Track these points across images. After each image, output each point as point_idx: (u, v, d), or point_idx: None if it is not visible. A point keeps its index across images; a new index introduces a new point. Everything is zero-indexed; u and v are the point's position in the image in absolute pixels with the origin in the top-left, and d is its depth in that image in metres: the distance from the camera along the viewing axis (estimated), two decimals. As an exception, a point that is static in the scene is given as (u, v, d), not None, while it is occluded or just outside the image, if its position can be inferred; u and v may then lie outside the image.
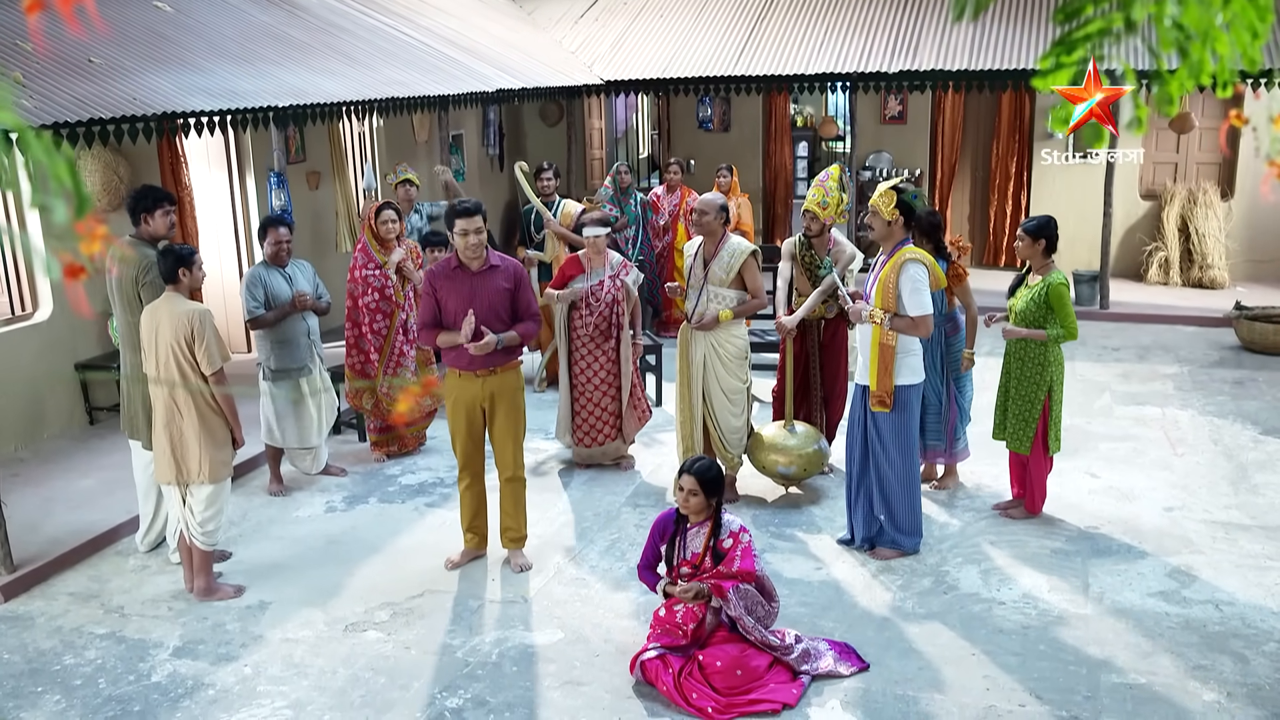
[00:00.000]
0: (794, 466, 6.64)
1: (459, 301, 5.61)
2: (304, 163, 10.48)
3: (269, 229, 6.78)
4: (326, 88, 7.76)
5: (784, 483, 6.82)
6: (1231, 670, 4.78)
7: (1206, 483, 6.91)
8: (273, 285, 6.68)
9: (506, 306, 5.69)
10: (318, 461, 7.24)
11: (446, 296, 5.66)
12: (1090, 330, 10.89)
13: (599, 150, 16.12)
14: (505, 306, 5.68)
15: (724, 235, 6.56)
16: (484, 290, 5.63)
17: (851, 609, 5.41)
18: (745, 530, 4.85)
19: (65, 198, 0.93)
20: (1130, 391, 8.88)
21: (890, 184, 5.76)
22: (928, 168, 13.99)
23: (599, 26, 13.35)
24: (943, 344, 6.63)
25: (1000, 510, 6.49)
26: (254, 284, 6.65)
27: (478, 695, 4.70)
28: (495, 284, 5.67)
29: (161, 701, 4.71)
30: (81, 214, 0.94)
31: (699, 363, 6.59)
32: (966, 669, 4.83)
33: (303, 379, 6.87)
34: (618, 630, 5.24)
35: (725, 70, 11.88)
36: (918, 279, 5.60)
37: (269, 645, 5.17)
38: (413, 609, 5.51)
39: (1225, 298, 11.66)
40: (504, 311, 5.68)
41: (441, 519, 6.60)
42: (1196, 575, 5.68)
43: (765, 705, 4.55)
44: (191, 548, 5.60)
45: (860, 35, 12.05)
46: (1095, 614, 5.30)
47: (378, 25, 10.08)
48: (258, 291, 6.63)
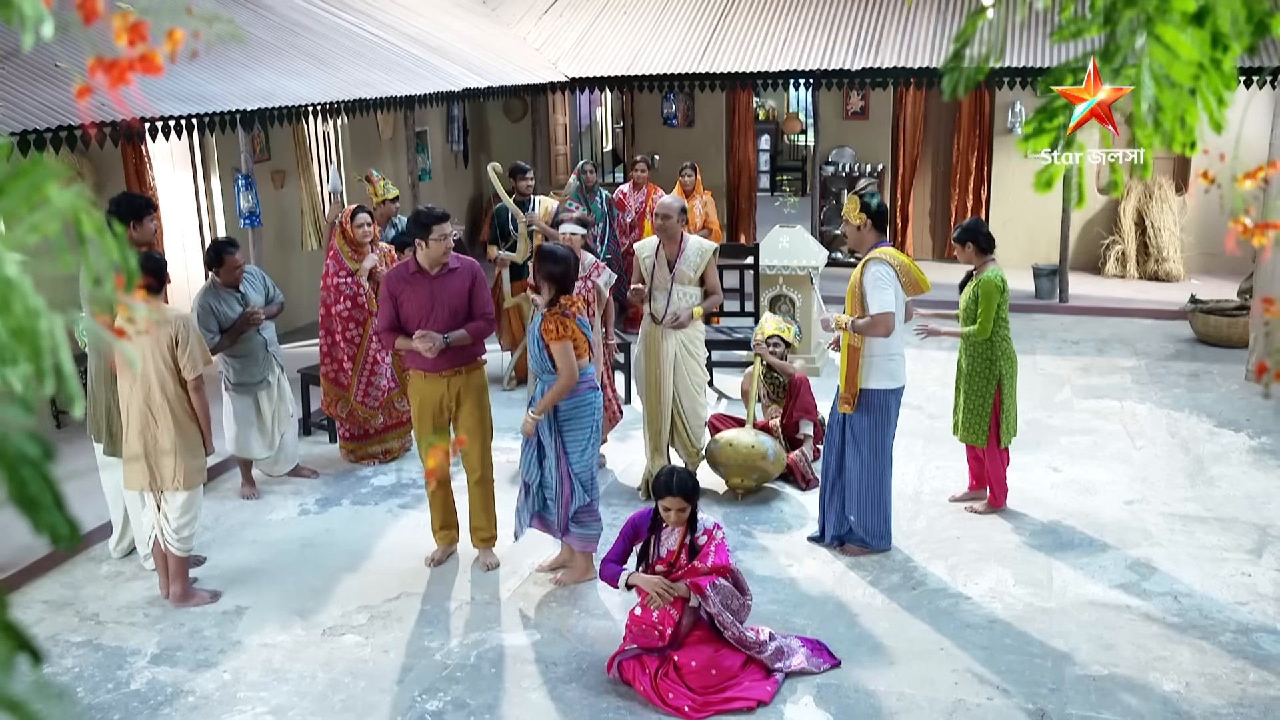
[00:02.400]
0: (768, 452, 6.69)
1: (419, 305, 5.69)
2: (269, 161, 10.45)
3: (224, 255, 6.57)
4: (294, 90, 7.74)
5: (741, 478, 6.83)
6: (1190, 661, 4.94)
7: (1164, 475, 7.09)
8: (223, 310, 6.55)
9: (465, 307, 5.78)
10: (287, 461, 7.24)
11: (406, 300, 5.72)
12: (1050, 324, 11.09)
13: (564, 145, 16.15)
14: (464, 307, 5.78)
15: (683, 235, 6.72)
16: (443, 293, 5.72)
17: (822, 606, 5.52)
18: (719, 527, 4.95)
19: (114, 271, 0.99)
20: (1090, 385, 9.06)
21: (854, 192, 5.91)
22: (889, 163, 14.14)
23: (563, 23, 13.36)
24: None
25: (958, 502, 6.65)
26: (205, 315, 6.46)
27: (457, 698, 4.77)
28: (454, 285, 5.76)
29: (141, 709, 4.74)
30: (130, 288, 0.99)
31: (669, 359, 6.69)
32: (935, 663, 4.95)
33: (261, 391, 6.83)
34: (593, 630, 5.31)
35: (690, 67, 11.95)
36: (878, 276, 5.69)
37: (247, 651, 5.20)
38: (390, 612, 5.56)
39: (1181, 290, 11.90)
40: (462, 312, 5.76)
41: (415, 520, 6.64)
42: (1156, 567, 5.84)
43: (740, 703, 4.65)
44: (167, 554, 5.61)
45: (823, 32, 12.16)
46: (1059, 607, 5.44)
47: (342, 24, 10.06)
48: (210, 322, 6.46)
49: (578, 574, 5.78)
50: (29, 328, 0.75)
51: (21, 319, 0.75)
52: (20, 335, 0.78)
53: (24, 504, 0.79)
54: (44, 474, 0.80)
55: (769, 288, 9.47)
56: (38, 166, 0.81)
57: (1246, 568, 5.82)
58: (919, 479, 7.08)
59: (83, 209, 0.80)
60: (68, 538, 0.81)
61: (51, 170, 0.81)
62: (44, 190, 0.79)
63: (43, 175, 0.80)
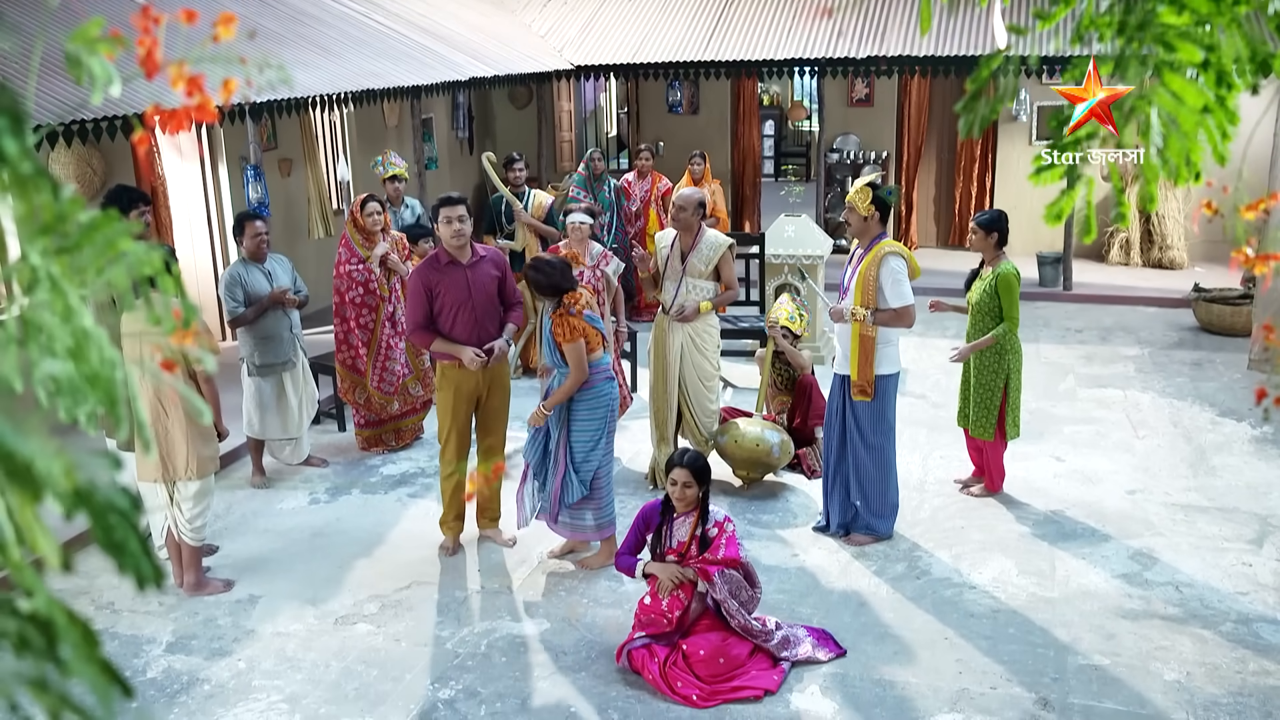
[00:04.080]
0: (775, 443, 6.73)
1: (456, 294, 5.77)
2: (276, 150, 10.49)
3: (245, 224, 6.78)
4: (302, 81, 7.79)
5: (747, 471, 6.90)
6: (1190, 650, 5.01)
7: (1167, 465, 7.15)
8: (252, 283, 6.72)
9: (497, 294, 5.89)
10: (299, 452, 7.32)
11: (444, 290, 5.77)
12: (1054, 311, 11.14)
13: (568, 132, 16.17)
14: (496, 294, 5.90)
15: (700, 229, 6.71)
16: (479, 281, 5.83)
17: (828, 595, 5.59)
18: (730, 520, 5.02)
19: (173, 310, 1.05)
20: (1093, 374, 9.11)
21: (865, 180, 5.91)
22: (894, 150, 14.16)
23: (568, 10, 13.38)
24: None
25: (961, 486, 6.74)
26: (233, 284, 6.68)
27: (469, 686, 4.84)
28: (487, 273, 5.89)
29: (158, 698, 4.82)
30: (188, 324, 1.05)
31: (676, 351, 6.74)
32: (939, 653, 5.02)
33: (286, 373, 6.93)
34: (602, 619, 5.39)
35: (695, 54, 11.97)
36: (898, 271, 5.77)
37: (261, 639, 5.28)
38: (401, 601, 5.63)
39: (1184, 278, 11.93)
40: (496, 299, 5.88)
41: (424, 509, 6.71)
42: (1157, 557, 5.91)
43: (747, 692, 4.72)
44: (180, 544, 5.69)
45: (828, 20, 12.16)
46: (1062, 597, 5.51)
47: (349, 13, 10.09)
48: (237, 291, 6.66)
49: (602, 559, 5.87)
50: (105, 376, 0.81)
51: (97, 367, 0.81)
52: (94, 381, 0.84)
53: (111, 548, 0.85)
54: (131, 522, 0.86)
55: (774, 277, 9.52)
56: (110, 221, 0.86)
57: (1247, 557, 5.88)
58: (923, 468, 7.14)
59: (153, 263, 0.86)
60: (152, 580, 0.87)
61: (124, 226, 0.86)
62: (118, 245, 0.84)
63: (116, 231, 0.85)
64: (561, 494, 5.71)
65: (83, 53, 0.94)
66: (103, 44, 0.96)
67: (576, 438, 5.69)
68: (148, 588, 0.89)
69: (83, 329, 0.80)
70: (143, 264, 0.87)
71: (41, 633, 0.80)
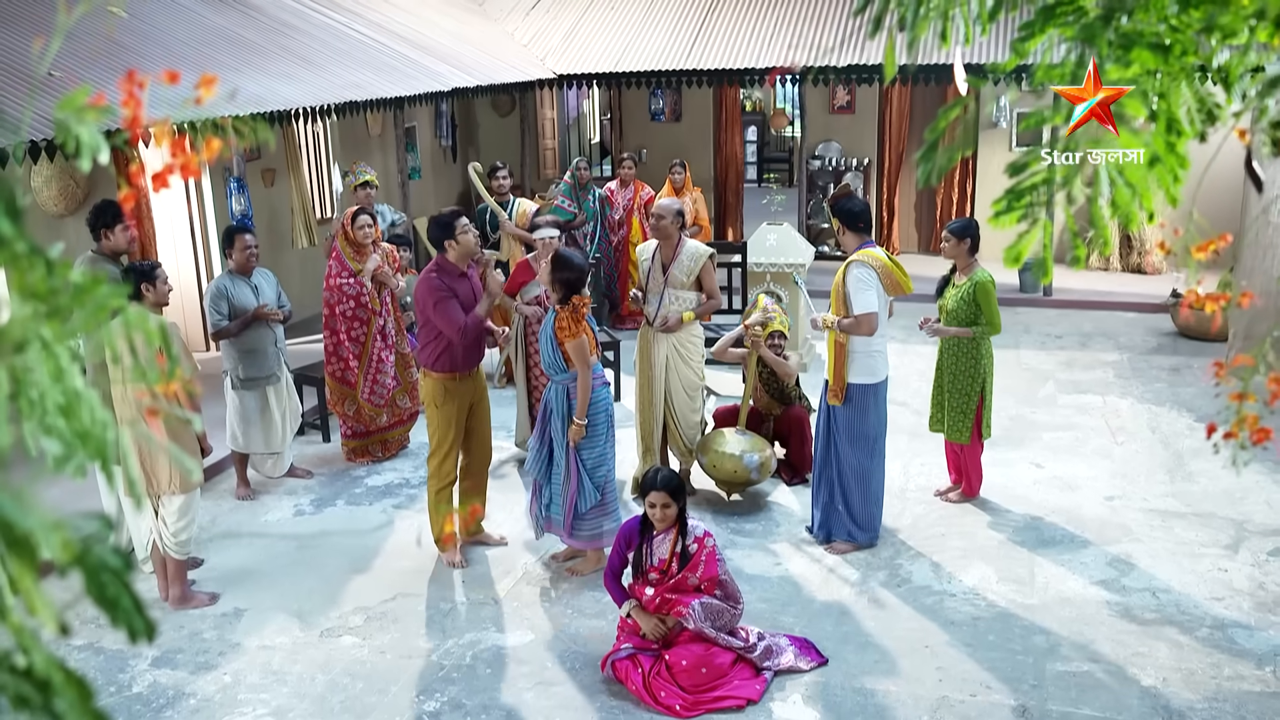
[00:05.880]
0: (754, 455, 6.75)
1: (470, 299, 6.09)
2: (259, 160, 10.50)
3: (235, 237, 6.81)
4: (284, 93, 7.81)
5: (727, 488, 6.94)
6: (1167, 656, 5.08)
7: (1145, 471, 7.24)
8: (237, 296, 6.74)
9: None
10: (281, 465, 7.34)
11: (460, 297, 6.02)
12: (1034, 317, 11.23)
13: (551, 140, 16.21)
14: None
15: (680, 239, 6.76)
16: (476, 286, 6.17)
17: (810, 604, 5.64)
18: (709, 535, 5.06)
19: (158, 362, 1.09)
20: (1073, 379, 9.20)
21: (827, 200, 6.03)
22: (875, 157, 14.24)
23: (550, 19, 13.42)
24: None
25: (940, 496, 6.81)
26: (218, 297, 6.70)
27: (454, 698, 4.88)
28: (474, 277, 6.20)
29: (144, 712, 4.83)
30: (173, 374, 1.09)
31: (661, 362, 6.78)
32: (920, 660, 5.08)
33: (270, 387, 6.95)
34: (586, 630, 5.43)
35: (677, 62, 12.03)
36: (860, 278, 5.84)
37: (247, 653, 5.30)
38: (386, 613, 5.66)
39: (1162, 283, 12.04)
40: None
41: (409, 521, 6.74)
42: (1135, 564, 5.98)
43: (730, 701, 4.77)
44: (165, 557, 5.70)
45: (809, 28, 12.24)
46: (1041, 604, 5.58)
47: (330, 23, 10.11)
48: (222, 304, 6.69)
49: (590, 565, 5.95)
50: (96, 435, 0.85)
51: (88, 427, 0.85)
52: (85, 438, 0.88)
53: (104, 604, 0.89)
54: (124, 581, 0.90)
55: (756, 285, 9.57)
56: (99, 284, 0.90)
57: (1223, 563, 5.96)
58: (904, 475, 7.21)
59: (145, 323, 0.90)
60: (144, 635, 0.91)
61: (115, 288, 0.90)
62: (109, 307, 0.88)
63: (107, 293, 0.89)
64: (577, 501, 5.81)
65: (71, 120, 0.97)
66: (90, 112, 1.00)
67: (584, 446, 5.79)
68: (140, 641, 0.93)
69: (74, 389, 0.84)
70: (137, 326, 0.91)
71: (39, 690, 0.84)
